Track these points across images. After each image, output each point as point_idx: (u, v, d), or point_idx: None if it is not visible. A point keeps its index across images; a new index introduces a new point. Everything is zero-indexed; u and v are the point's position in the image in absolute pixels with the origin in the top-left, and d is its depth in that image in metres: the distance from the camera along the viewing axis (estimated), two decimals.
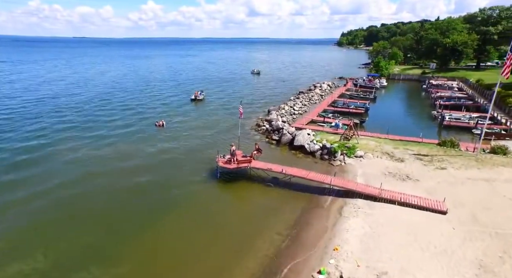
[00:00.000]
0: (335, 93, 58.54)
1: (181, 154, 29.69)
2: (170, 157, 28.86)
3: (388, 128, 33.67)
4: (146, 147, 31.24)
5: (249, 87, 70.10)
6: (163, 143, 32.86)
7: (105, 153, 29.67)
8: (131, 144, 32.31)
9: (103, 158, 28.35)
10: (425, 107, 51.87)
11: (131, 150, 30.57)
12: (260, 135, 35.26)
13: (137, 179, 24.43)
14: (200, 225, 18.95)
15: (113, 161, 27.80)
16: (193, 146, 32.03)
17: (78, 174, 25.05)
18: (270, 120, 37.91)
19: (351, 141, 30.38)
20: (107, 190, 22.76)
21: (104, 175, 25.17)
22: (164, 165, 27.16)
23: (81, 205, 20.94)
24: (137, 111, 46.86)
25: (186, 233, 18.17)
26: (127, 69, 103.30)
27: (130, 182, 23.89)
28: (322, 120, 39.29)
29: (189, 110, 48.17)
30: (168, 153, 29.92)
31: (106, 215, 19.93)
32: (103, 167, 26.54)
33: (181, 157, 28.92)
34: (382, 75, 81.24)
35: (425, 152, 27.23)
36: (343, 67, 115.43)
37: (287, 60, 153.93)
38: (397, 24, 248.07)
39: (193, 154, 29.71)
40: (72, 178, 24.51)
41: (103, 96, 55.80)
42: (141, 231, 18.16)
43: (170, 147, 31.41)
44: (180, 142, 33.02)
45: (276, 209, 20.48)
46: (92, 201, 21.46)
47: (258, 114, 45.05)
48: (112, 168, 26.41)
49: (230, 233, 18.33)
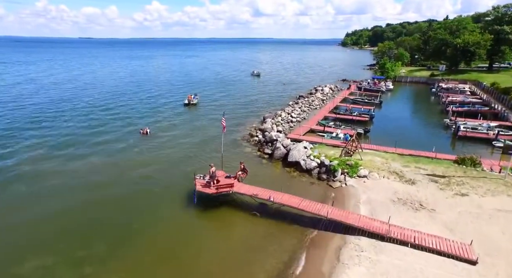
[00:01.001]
0: (337, 98, 54.54)
1: (159, 169, 26.01)
2: (146, 173, 25.17)
3: (396, 141, 29.73)
4: (122, 161, 27.65)
5: (247, 90, 66.34)
6: (142, 155, 29.25)
7: (74, 167, 26.11)
8: (107, 156, 28.73)
9: (69, 174, 24.79)
10: (435, 113, 47.62)
11: (104, 164, 26.97)
12: (251, 148, 31.46)
13: (100, 200, 20.88)
14: (164, 262, 15.32)
15: (79, 178, 24.22)
16: (175, 159, 28.33)
17: (32, 194, 21.59)
18: (263, 130, 34.11)
19: (353, 156, 26.47)
20: (61, 215, 19.19)
21: (62, 195, 21.63)
22: (137, 184, 23.51)
23: (26, 233, 17.47)
24: (124, 116, 43.36)
25: (146, 272, 14.63)
26: (123, 70, 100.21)
27: (91, 204, 20.37)
28: (322, 130, 35.37)
29: (179, 116, 44.56)
30: (145, 168, 26.25)
31: (52, 245, 16.46)
32: (64, 186, 22.99)
33: (158, 174, 25.22)
34: (388, 78, 76.93)
35: (441, 172, 23.20)
36: (346, 69, 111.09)
37: (290, 61, 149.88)
38: (402, 24, 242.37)
39: (173, 170, 26.01)
40: (24, 197, 21.10)
41: (89, 100, 52.44)
42: (92, 266, 14.65)
43: (149, 161, 27.74)
44: (161, 155, 29.36)
45: (260, 248, 16.72)
46: (41, 228, 17.94)
47: (253, 121, 41.29)
48: (75, 187, 22.83)
49: (199, 276, 14.70)
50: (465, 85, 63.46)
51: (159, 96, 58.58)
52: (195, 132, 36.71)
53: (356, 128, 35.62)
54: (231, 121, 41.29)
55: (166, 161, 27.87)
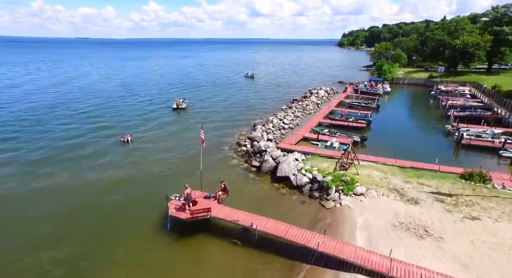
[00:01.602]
0: (333, 101, 52.07)
1: (133, 189, 23.26)
2: (117, 194, 22.32)
3: (396, 152, 27.32)
4: (93, 180, 24.69)
5: (239, 93, 63.73)
6: (118, 170, 26.45)
7: (34, 189, 23.05)
8: (76, 174, 25.74)
9: (25, 199, 21.65)
10: (436, 118, 45.31)
11: (71, 185, 23.89)
12: (238, 159, 28.84)
13: (55, 232, 18.11)
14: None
15: (36, 204, 21.08)
16: (153, 175, 25.59)
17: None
18: (252, 139, 31.53)
19: (349, 170, 23.97)
20: (6, 254, 16.44)
21: (16, 221, 18.91)
22: (103, 209, 20.63)
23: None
24: (106, 124, 40.53)
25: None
26: (114, 72, 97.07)
27: (44, 239, 17.57)
28: (316, 138, 32.86)
29: (166, 122, 41.88)
30: (118, 187, 23.49)
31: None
32: (13, 215, 20.06)
33: (132, 194, 22.48)
34: (385, 80, 74.68)
35: (447, 189, 20.75)
36: (343, 70, 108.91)
37: (286, 62, 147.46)
38: (399, 25, 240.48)
39: (149, 188, 23.27)
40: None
41: (71, 107, 49.44)
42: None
43: (123, 178, 24.91)
44: (138, 169, 26.59)
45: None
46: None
47: (243, 128, 38.72)
48: (27, 216, 19.87)
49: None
50: (464, 87, 61.32)
51: (147, 100, 55.80)
52: (180, 141, 34.05)
53: (352, 136, 33.20)
54: (219, 128, 38.80)
55: (142, 177, 25.12)
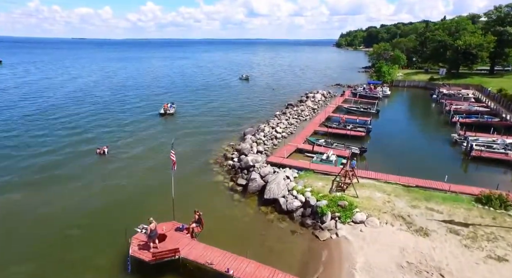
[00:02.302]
0: (330, 106, 49.13)
1: (99, 216, 19.99)
2: (75, 226, 18.65)
3: (399, 167, 24.44)
4: (56, 199, 21.68)
5: (232, 97, 60.65)
6: (84, 192, 23.09)
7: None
8: (39, 190, 22.82)
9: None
10: (439, 125, 42.47)
11: (29, 203, 21.01)
12: (223, 175, 25.78)
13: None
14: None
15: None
16: (125, 197, 22.33)
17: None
18: (241, 151, 28.50)
19: (347, 191, 20.99)
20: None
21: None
22: (55, 246, 17.22)
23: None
24: (85, 132, 37.30)
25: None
26: (103, 74, 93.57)
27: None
28: (310, 150, 29.87)
29: (150, 130, 38.73)
30: (83, 211, 20.34)
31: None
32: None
33: (94, 225, 19.08)
34: (385, 82, 71.85)
35: (461, 217, 17.78)
36: (341, 71, 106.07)
37: (283, 63, 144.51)
38: (397, 25, 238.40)
39: (117, 215, 20.06)
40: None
41: (50, 113, 46.07)
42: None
43: (88, 203, 21.32)
44: (108, 192, 23.25)
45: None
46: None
47: (232, 137, 35.69)
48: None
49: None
50: (468, 91, 58.52)
51: (135, 105, 52.60)
52: (161, 153, 30.85)
53: (350, 148, 30.25)
54: (207, 137, 35.75)
55: (111, 202, 21.68)
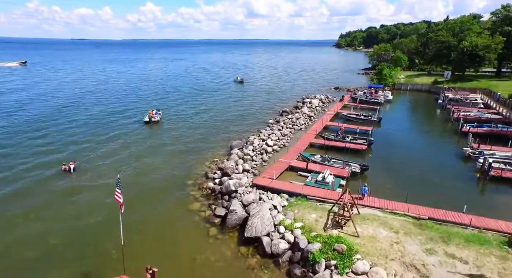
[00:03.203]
0: (328, 113, 45.39)
1: (43, 255, 16.44)
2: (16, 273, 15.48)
3: (406, 188, 20.85)
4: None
5: (224, 102, 56.95)
6: (38, 221, 19.54)
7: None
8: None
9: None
10: (448, 135, 38.73)
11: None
12: (201, 202, 22.02)
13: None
14: None
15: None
16: (80, 232, 18.69)
17: None
18: (224, 170, 24.78)
19: (345, 227, 17.28)
20: None
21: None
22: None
23: None
24: (55, 143, 33.63)
25: None
26: (93, 77, 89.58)
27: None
28: (304, 167, 26.14)
29: (131, 141, 34.93)
30: (25, 258, 16.68)
31: None
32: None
33: (36, 264, 15.64)
34: (386, 85, 68.15)
35: (495, 270, 13.98)
36: (340, 73, 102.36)
37: (281, 64, 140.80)
38: (397, 25, 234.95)
39: (58, 262, 16.43)
40: None
41: (23, 119, 42.31)
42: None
43: (14, 250, 17.73)
44: (64, 222, 19.72)
45: None
46: None
47: (218, 150, 32.00)
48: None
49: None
50: (476, 95, 54.80)
51: (118, 111, 48.90)
52: (140, 171, 27.13)
53: (350, 164, 26.54)
54: (190, 150, 32.09)
55: (49, 247, 17.78)
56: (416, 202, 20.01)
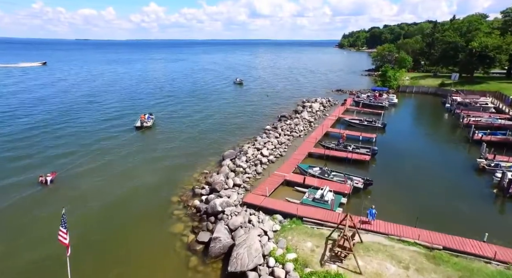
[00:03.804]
0: (329, 119, 42.87)
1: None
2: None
3: (414, 207, 18.41)
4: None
5: (222, 105, 54.61)
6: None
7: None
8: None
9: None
10: (458, 143, 36.07)
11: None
12: (184, 223, 19.64)
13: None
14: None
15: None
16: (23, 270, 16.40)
17: None
18: (212, 186, 22.39)
19: (346, 260, 14.82)
20: None
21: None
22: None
23: None
24: (36, 152, 31.49)
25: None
26: (89, 78, 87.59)
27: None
28: (301, 182, 23.70)
29: (118, 149, 32.66)
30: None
31: None
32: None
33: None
34: (390, 88, 65.45)
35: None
36: (343, 75, 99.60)
37: (282, 65, 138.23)
38: (401, 25, 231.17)
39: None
40: None
41: (9, 125, 40.30)
42: None
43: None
44: (12, 256, 17.42)
45: None
46: None
47: (209, 160, 29.64)
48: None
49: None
50: (486, 99, 51.99)
51: (110, 115, 46.70)
52: (120, 183, 24.88)
53: (352, 179, 24.08)
54: (180, 160, 29.75)
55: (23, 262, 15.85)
56: (427, 225, 17.57)
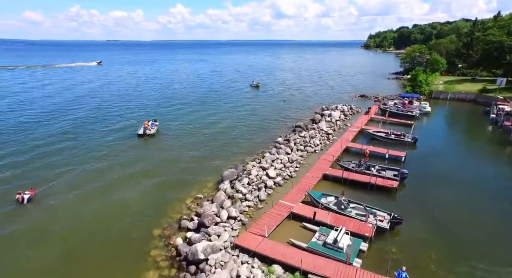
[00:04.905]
0: (350, 130, 37.80)
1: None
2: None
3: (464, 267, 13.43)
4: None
5: (234, 111, 50.97)
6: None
7: None
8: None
9: None
10: (510, 163, 29.94)
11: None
12: (159, 273, 15.75)
13: None
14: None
15: None
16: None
17: None
18: (201, 219, 18.50)
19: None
20: None
21: None
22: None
23: None
24: (20, 163, 29.13)
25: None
26: (103, 79, 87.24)
27: None
28: (311, 217, 19.26)
29: (112, 162, 29.78)
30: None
31: None
32: None
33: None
34: (422, 94, 58.81)
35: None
36: (367, 78, 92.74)
37: (304, 67, 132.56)
38: (433, 24, 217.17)
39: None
40: None
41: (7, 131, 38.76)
42: None
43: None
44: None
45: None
46: None
47: (208, 180, 25.83)
48: None
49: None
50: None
51: (111, 121, 44.49)
52: (99, 208, 21.65)
53: (375, 214, 19.33)
54: (176, 178, 26.19)
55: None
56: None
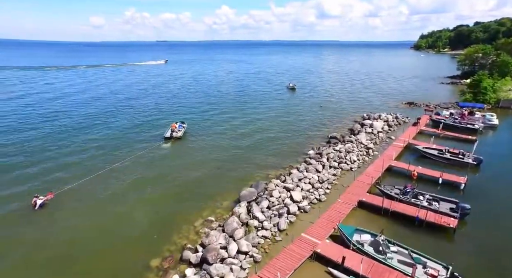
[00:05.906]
0: (395, 145, 32.54)
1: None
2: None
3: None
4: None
5: (267, 114, 48.26)
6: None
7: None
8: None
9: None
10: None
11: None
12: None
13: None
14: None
15: None
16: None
17: None
18: (204, 254, 15.65)
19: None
20: None
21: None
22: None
23: None
24: (40, 166, 29.02)
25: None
26: (139, 80, 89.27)
27: None
28: (339, 262, 15.41)
29: (130, 169, 28.48)
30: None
31: None
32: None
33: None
34: (486, 102, 50.39)
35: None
36: (417, 82, 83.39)
37: (346, 69, 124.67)
38: (500, 21, 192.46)
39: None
40: None
41: (38, 131, 39.69)
42: None
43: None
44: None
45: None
46: None
47: (225, 197, 23.04)
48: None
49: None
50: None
51: (140, 121, 44.29)
52: (98, 228, 19.93)
53: (425, 264, 14.94)
54: (190, 193, 23.90)
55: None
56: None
